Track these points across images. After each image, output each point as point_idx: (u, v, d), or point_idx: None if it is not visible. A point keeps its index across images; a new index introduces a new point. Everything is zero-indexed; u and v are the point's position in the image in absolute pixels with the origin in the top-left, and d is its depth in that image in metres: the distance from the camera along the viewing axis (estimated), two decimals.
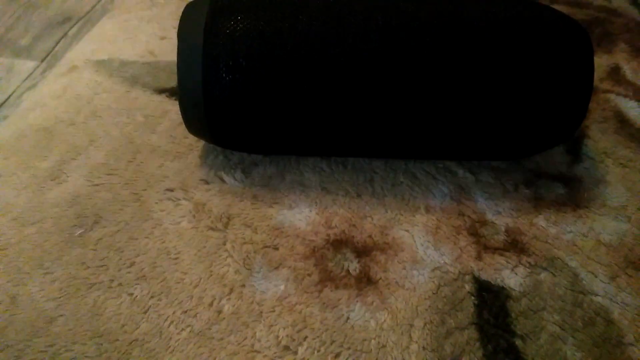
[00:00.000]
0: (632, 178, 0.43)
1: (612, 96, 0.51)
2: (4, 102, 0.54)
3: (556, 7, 0.62)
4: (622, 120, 0.48)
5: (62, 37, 0.64)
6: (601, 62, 0.55)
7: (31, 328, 0.34)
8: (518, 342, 0.34)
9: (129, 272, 0.37)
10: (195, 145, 0.46)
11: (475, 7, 0.38)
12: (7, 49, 0.63)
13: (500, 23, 0.37)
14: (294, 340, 0.34)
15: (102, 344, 0.33)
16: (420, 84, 0.36)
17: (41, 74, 0.58)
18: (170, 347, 0.33)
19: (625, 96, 0.51)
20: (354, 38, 0.36)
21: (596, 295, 0.36)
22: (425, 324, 0.35)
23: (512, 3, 0.39)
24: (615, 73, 0.54)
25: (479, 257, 0.38)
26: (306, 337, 0.34)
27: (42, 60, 0.61)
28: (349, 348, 0.33)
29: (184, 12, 0.38)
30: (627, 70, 0.54)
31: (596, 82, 0.52)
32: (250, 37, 0.36)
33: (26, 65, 0.60)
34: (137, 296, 0.36)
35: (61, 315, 0.35)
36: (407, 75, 0.36)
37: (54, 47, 0.63)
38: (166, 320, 0.35)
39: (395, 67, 0.36)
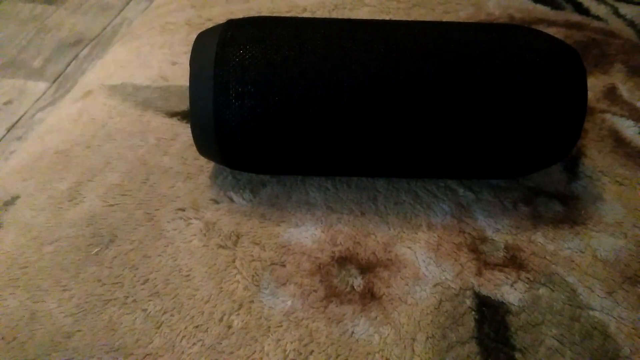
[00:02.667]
0: (628, 195, 0.45)
1: (608, 116, 0.52)
2: (17, 122, 0.57)
3: (554, 29, 0.65)
4: (618, 139, 0.50)
5: (73, 59, 0.67)
6: (598, 82, 0.57)
7: (50, 343, 0.36)
8: (517, 355, 0.35)
9: (142, 289, 0.39)
10: (205, 166, 0.48)
11: (472, 33, 0.40)
12: (19, 71, 0.65)
13: (495, 49, 0.39)
14: (300, 354, 0.35)
15: (117, 358, 0.35)
16: (421, 108, 0.38)
17: (52, 95, 0.60)
18: None
19: (622, 116, 0.52)
20: (357, 65, 0.38)
21: (593, 309, 0.37)
22: (427, 338, 0.36)
23: (506, 29, 0.41)
24: (611, 93, 0.55)
25: (479, 273, 0.39)
26: (312, 351, 0.35)
27: (54, 82, 0.63)
28: None
29: (195, 42, 0.40)
30: (624, 90, 0.56)
31: (593, 102, 0.54)
32: (258, 65, 0.38)
33: (38, 86, 0.63)
34: (150, 312, 0.37)
35: (78, 331, 0.36)
36: (408, 99, 0.38)
37: (65, 69, 0.65)
38: (178, 335, 0.36)
39: (397, 92, 0.38)
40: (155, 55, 0.62)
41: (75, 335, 0.36)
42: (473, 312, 0.37)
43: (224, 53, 0.38)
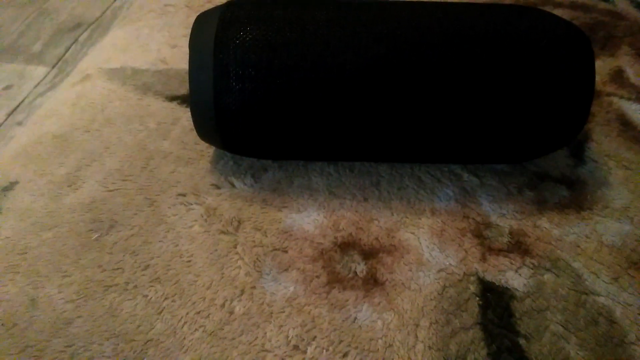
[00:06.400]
0: (635, 180, 0.44)
1: (615, 99, 0.52)
2: (17, 107, 0.56)
3: (560, 10, 0.63)
4: (625, 123, 0.49)
5: (73, 43, 0.66)
6: (604, 65, 0.56)
7: (50, 329, 0.35)
8: (522, 341, 0.35)
9: (143, 275, 0.38)
10: (206, 151, 0.47)
11: (477, 14, 0.39)
12: (19, 55, 0.64)
13: (501, 30, 0.38)
14: (303, 340, 0.35)
15: (118, 344, 0.35)
16: (424, 91, 0.37)
17: (52, 79, 0.60)
18: (184, 346, 0.34)
19: (629, 99, 0.52)
20: (360, 47, 0.37)
21: (599, 295, 0.37)
22: (430, 324, 0.35)
23: (513, 10, 0.40)
24: (618, 76, 0.54)
25: (483, 259, 0.39)
26: (315, 336, 0.35)
27: (53, 66, 0.62)
28: (356, 347, 0.34)
29: (195, 23, 0.39)
30: (631, 73, 0.55)
31: (599, 85, 0.53)
32: (259, 47, 0.37)
33: (37, 71, 0.62)
34: (151, 298, 0.37)
35: (79, 317, 0.36)
36: (412, 82, 0.37)
37: (64, 53, 0.64)
38: (180, 320, 0.36)
39: (400, 75, 0.37)
40: (155, 38, 0.61)
41: (76, 322, 0.36)
42: (477, 298, 0.37)
43: (224, 35, 0.37)
